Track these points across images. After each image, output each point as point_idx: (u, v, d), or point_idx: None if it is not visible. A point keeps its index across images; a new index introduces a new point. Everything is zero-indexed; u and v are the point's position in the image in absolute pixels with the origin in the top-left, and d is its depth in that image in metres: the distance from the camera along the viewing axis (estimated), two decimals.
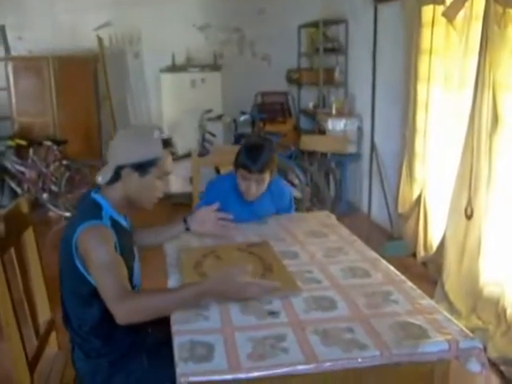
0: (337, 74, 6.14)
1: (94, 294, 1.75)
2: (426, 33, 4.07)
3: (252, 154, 2.52)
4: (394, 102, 4.84)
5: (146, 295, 1.68)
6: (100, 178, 1.87)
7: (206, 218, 2.29)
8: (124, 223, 1.94)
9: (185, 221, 2.30)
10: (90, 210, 1.82)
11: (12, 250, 1.89)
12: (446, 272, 3.65)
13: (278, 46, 6.69)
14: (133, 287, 1.87)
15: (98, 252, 1.68)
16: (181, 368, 1.44)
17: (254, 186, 2.53)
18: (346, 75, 6.08)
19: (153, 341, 1.96)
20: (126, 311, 1.62)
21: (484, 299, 3.36)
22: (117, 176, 1.85)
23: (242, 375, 1.42)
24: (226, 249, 2.25)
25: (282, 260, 2.14)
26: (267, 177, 2.56)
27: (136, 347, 1.92)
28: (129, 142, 1.87)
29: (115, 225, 1.84)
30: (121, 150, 1.85)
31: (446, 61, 3.81)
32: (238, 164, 2.55)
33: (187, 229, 2.30)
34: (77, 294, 1.84)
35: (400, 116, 4.70)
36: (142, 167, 1.84)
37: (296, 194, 5.25)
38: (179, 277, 2.01)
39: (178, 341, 1.57)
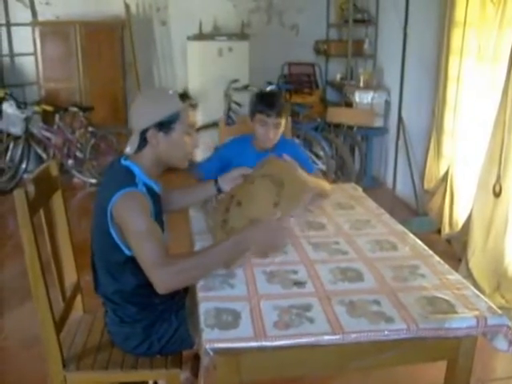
0: (366, 46, 6.03)
1: (126, 264, 1.76)
2: (460, 4, 3.96)
3: (269, 99, 2.63)
4: (424, 75, 4.75)
5: (183, 260, 1.65)
6: (128, 149, 1.85)
7: (238, 178, 2.22)
8: (156, 188, 1.91)
9: (215, 182, 2.24)
10: (123, 177, 1.78)
11: (41, 213, 1.90)
12: (470, 250, 3.61)
13: (306, 16, 6.58)
14: None
15: (135, 220, 1.66)
16: (206, 334, 1.44)
17: (272, 131, 2.60)
18: (376, 47, 5.97)
19: (182, 303, 1.98)
20: (165, 279, 1.60)
21: (508, 278, 3.33)
22: (143, 141, 1.82)
23: (268, 343, 1.43)
24: (242, 188, 2.18)
25: (308, 230, 2.13)
26: (283, 122, 2.63)
27: (167, 311, 1.93)
28: (146, 104, 1.85)
29: (149, 191, 1.81)
30: (140, 115, 1.83)
31: (481, 33, 3.71)
32: (255, 110, 2.62)
33: (219, 190, 2.22)
34: (110, 263, 1.83)
35: (429, 90, 4.61)
36: (165, 125, 1.81)
37: (321, 166, 5.22)
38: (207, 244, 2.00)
39: (203, 308, 1.58)
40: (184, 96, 1.88)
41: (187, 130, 1.87)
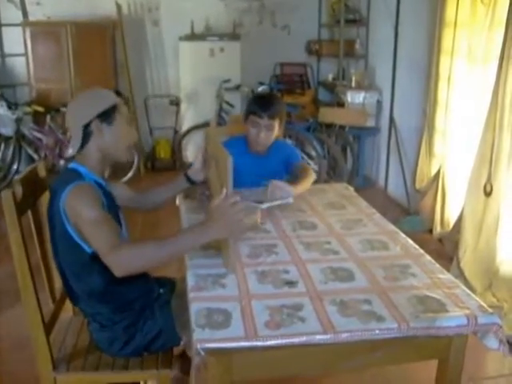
0: (357, 46, 6.04)
1: (91, 263, 1.75)
2: (450, 5, 3.97)
3: (263, 101, 2.66)
4: (415, 75, 4.76)
5: (140, 243, 1.62)
6: (70, 150, 1.84)
7: (204, 166, 2.18)
8: (104, 185, 1.89)
9: (186, 176, 2.21)
10: (70, 176, 1.78)
11: (29, 214, 1.89)
12: (462, 249, 3.62)
13: (298, 17, 6.58)
14: None
15: (87, 209, 1.65)
16: (197, 334, 1.44)
17: (264, 133, 2.62)
18: (367, 47, 5.98)
19: (165, 300, 1.98)
20: (121, 260, 1.58)
21: (500, 277, 3.33)
22: (86, 136, 1.82)
23: (259, 343, 1.42)
24: (208, 178, 2.18)
25: (300, 230, 2.13)
26: (276, 125, 2.63)
27: (149, 308, 1.93)
28: (82, 101, 1.87)
29: (99, 186, 1.81)
30: (79, 112, 1.83)
31: (471, 34, 3.72)
32: (248, 111, 2.65)
33: (192, 182, 2.20)
34: (76, 265, 1.82)
35: (421, 90, 4.63)
36: (107, 115, 1.83)
37: (313, 166, 5.23)
38: None
39: (194, 308, 1.57)
40: (118, 92, 1.89)
41: (127, 121, 1.91)
